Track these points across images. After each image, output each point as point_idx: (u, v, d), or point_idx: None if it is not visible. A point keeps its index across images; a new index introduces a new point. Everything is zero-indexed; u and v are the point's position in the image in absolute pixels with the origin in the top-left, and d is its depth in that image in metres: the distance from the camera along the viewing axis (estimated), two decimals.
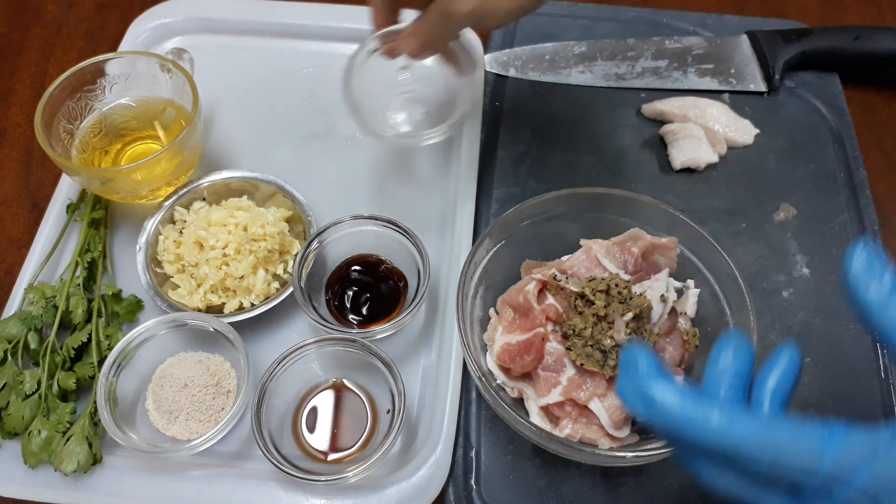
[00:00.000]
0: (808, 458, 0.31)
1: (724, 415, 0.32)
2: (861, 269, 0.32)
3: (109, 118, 0.65)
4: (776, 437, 0.31)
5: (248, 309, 0.58)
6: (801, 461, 0.31)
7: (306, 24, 0.77)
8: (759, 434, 0.31)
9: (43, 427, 0.52)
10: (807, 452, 0.31)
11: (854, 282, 0.32)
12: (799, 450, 0.31)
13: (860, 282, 0.32)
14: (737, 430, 0.32)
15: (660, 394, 0.33)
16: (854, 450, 0.30)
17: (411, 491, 0.52)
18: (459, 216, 0.64)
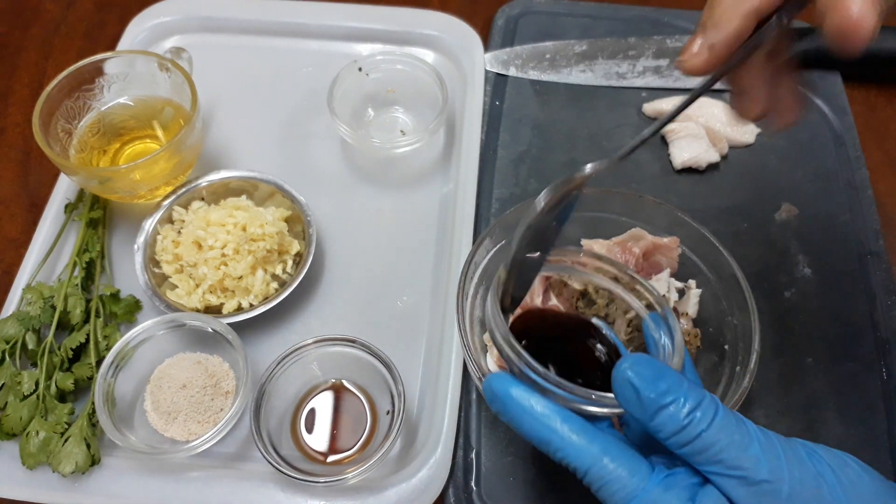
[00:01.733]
0: (617, 496, 0.33)
1: (567, 432, 0.34)
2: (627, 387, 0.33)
3: (108, 117, 0.65)
4: (604, 467, 0.33)
5: (246, 309, 0.58)
6: (610, 493, 0.33)
7: (306, 24, 0.77)
8: (591, 458, 0.34)
9: (41, 428, 0.52)
10: (616, 490, 0.33)
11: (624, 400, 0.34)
12: (613, 482, 0.33)
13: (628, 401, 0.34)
14: (574, 450, 0.34)
15: (512, 405, 0.36)
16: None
17: (411, 492, 0.52)
18: (459, 216, 0.64)
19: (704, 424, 0.32)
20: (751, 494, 0.31)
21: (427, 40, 0.76)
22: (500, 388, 0.36)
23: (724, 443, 0.31)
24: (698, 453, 0.32)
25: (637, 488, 0.32)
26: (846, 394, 0.57)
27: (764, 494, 0.31)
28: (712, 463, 0.32)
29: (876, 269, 0.62)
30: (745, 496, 0.31)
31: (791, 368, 0.58)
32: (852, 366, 0.58)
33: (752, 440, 0.32)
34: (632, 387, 0.33)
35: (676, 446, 0.32)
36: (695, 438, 0.32)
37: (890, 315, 0.60)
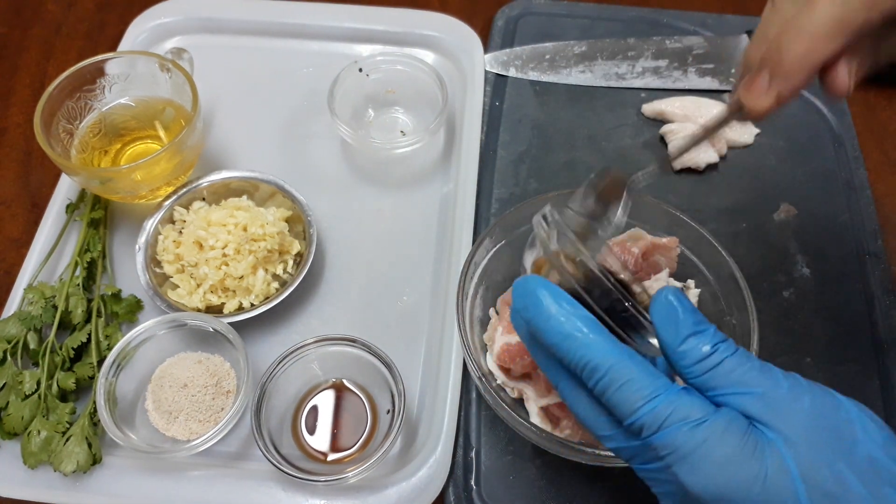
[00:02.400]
0: (637, 393, 0.32)
1: (589, 334, 0.34)
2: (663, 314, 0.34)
3: (109, 118, 0.65)
4: (625, 369, 0.33)
5: (247, 309, 0.58)
6: (630, 392, 0.33)
7: (306, 24, 0.77)
8: (611, 361, 0.33)
9: (42, 427, 0.52)
10: (638, 389, 0.32)
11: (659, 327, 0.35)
12: (634, 381, 0.33)
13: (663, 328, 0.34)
14: (595, 350, 0.33)
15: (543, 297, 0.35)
16: (676, 414, 0.32)
17: (411, 491, 0.52)
18: (459, 216, 0.64)
19: (730, 352, 0.33)
20: (772, 408, 0.32)
21: (427, 41, 0.77)
22: (533, 283, 0.36)
23: (747, 367, 0.33)
24: (720, 377, 0.33)
25: (658, 388, 0.32)
26: (845, 393, 0.56)
27: (783, 407, 0.32)
28: (733, 386, 0.32)
29: (874, 270, 0.63)
30: (765, 409, 0.32)
31: (790, 368, 0.56)
32: (851, 366, 0.58)
33: (769, 367, 0.33)
34: (672, 308, 0.34)
35: (699, 372, 0.33)
36: (720, 363, 0.33)
37: (888, 315, 0.60)
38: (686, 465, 0.31)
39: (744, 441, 0.31)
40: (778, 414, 0.32)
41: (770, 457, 0.31)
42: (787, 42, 0.35)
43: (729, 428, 0.31)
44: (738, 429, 0.31)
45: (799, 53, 0.35)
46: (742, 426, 0.32)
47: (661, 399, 0.32)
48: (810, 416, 0.32)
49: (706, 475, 0.31)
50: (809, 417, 0.32)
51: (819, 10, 0.34)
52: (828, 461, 0.31)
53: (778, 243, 0.65)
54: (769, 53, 0.36)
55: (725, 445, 0.31)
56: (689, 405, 0.32)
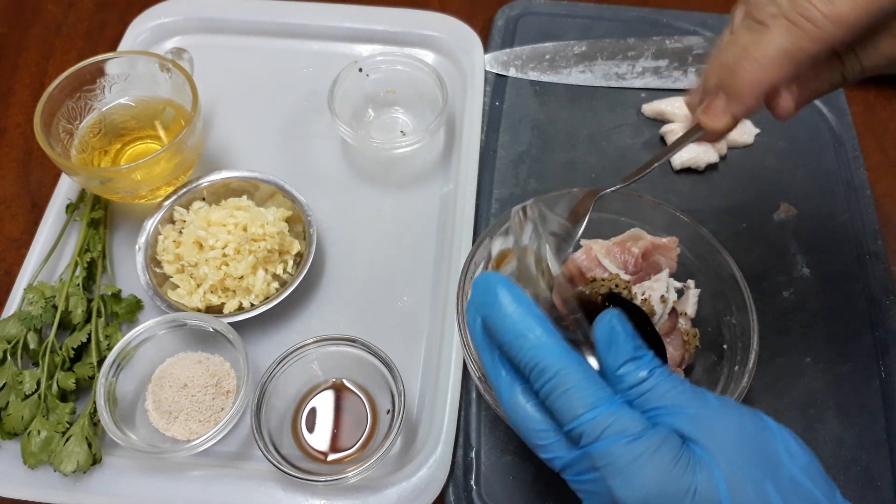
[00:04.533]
0: (581, 400, 0.33)
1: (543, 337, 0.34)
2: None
3: (109, 118, 0.65)
4: (572, 375, 0.33)
5: (247, 309, 0.58)
6: (574, 398, 0.33)
7: (306, 24, 0.77)
8: (559, 366, 0.34)
9: (42, 427, 0.52)
10: (582, 396, 0.33)
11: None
12: (580, 388, 0.33)
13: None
14: (545, 354, 0.34)
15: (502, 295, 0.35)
16: (615, 426, 0.33)
17: (411, 491, 0.52)
18: (459, 216, 0.64)
19: (664, 376, 0.34)
20: (702, 427, 0.33)
21: (427, 41, 0.77)
22: (494, 279, 0.36)
23: (679, 390, 0.34)
24: (655, 399, 0.34)
25: (605, 398, 0.33)
26: (845, 393, 0.57)
27: (713, 427, 0.33)
28: (666, 407, 0.34)
29: (874, 270, 0.63)
30: (696, 428, 0.33)
31: (790, 368, 0.58)
32: (851, 365, 0.58)
33: (703, 392, 0.35)
34: (613, 333, 0.34)
35: (635, 395, 0.34)
36: (655, 386, 0.34)
37: (888, 315, 0.60)
38: (620, 478, 0.32)
39: (676, 457, 0.32)
40: (708, 433, 0.33)
41: (700, 473, 0.32)
42: (742, 69, 0.38)
43: (664, 444, 0.32)
44: (671, 446, 0.32)
45: (751, 79, 0.38)
46: (676, 443, 0.33)
47: (604, 409, 0.33)
48: (738, 436, 0.33)
49: (639, 489, 0.32)
50: (737, 437, 0.33)
51: (770, 41, 0.37)
52: (753, 479, 0.32)
53: (778, 243, 0.65)
54: (726, 78, 0.39)
55: (659, 461, 0.32)
56: (628, 419, 0.33)
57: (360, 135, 0.67)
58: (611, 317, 0.35)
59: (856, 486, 0.53)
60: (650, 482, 0.32)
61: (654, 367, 0.34)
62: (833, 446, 0.55)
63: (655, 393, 0.34)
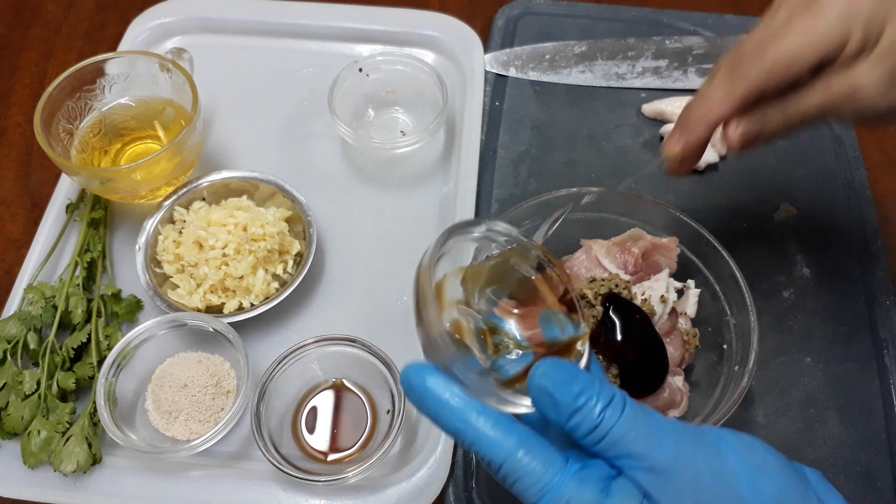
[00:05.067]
0: (531, 489, 0.33)
1: (483, 422, 0.34)
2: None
3: (109, 118, 0.65)
4: (515, 455, 0.33)
5: (247, 309, 0.58)
6: (525, 486, 0.33)
7: (306, 24, 0.77)
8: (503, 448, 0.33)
9: (42, 427, 0.52)
10: (531, 484, 0.33)
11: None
12: (526, 476, 0.33)
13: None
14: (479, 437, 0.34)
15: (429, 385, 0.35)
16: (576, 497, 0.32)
17: (411, 491, 0.52)
18: (459, 216, 0.64)
19: (614, 420, 0.33)
20: (659, 482, 0.32)
21: (427, 41, 0.77)
22: (417, 379, 0.35)
23: (632, 436, 0.33)
24: (610, 448, 0.33)
25: (550, 482, 0.33)
26: (844, 393, 0.57)
27: (670, 480, 0.32)
28: (623, 457, 0.33)
29: (874, 269, 0.63)
30: (653, 484, 0.32)
31: (790, 368, 0.58)
32: (851, 365, 0.58)
33: (658, 431, 0.33)
34: (547, 393, 0.34)
35: (591, 444, 0.33)
36: (606, 435, 0.33)
37: (888, 315, 0.60)
38: None
39: None
40: (664, 490, 0.32)
41: None
42: (692, 104, 0.46)
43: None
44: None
45: (698, 114, 0.45)
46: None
47: (552, 496, 0.33)
48: (693, 488, 0.32)
49: None
50: (692, 489, 0.32)
51: (715, 82, 0.45)
52: None
53: (778, 243, 0.65)
54: (682, 115, 0.47)
55: None
56: (580, 493, 0.32)
57: (360, 135, 0.67)
58: (538, 375, 0.34)
59: (856, 486, 0.53)
60: None
61: (602, 409, 0.33)
62: (833, 446, 0.55)
63: (609, 441, 0.33)
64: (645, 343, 0.50)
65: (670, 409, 0.51)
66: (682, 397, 0.51)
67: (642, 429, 0.33)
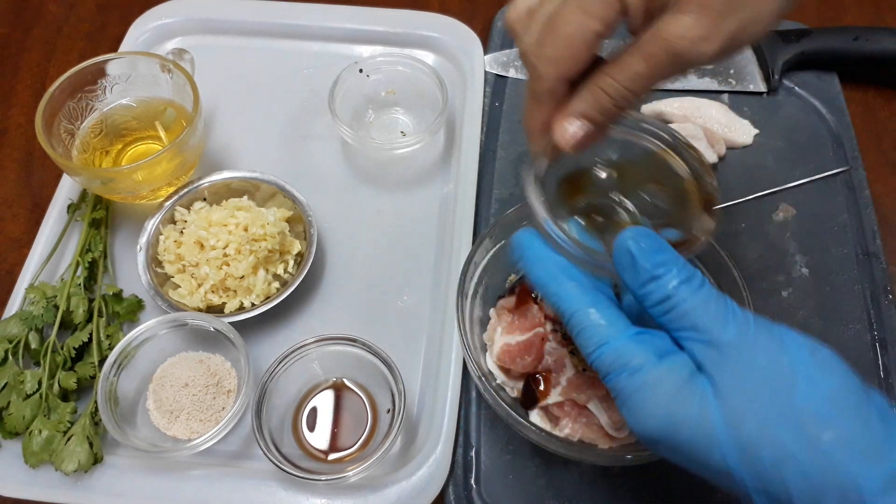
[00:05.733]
0: (589, 340, 0.36)
1: (565, 280, 0.38)
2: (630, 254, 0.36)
3: (110, 118, 0.65)
4: (585, 310, 0.36)
5: (248, 309, 0.58)
6: (585, 338, 0.36)
7: (306, 25, 0.77)
8: (576, 301, 0.37)
9: (44, 427, 0.53)
10: (590, 336, 0.36)
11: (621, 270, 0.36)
12: (588, 329, 0.36)
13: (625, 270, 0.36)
14: (560, 291, 0.38)
15: (528, 245, 0.41)
16: (617, 362, 0.35)
17: (411, 490, 0.52)
18: (459, 216, 0.64)
19: (687, 294, 0.34)
20: (715, 356, 0.33)
21: (427, 42, 0.77)
22: (526, 238, 0.40)
23: (700, 311, 0.34)
24: (676, 320, 0.34)
25: (610, 336, 0.35)
26: None
27: (726, 356, 0.33)
28: (686, 328, 0.34)
29: (873, 270, 0.63)
30: (709, 357, 0.33)
31: None
32: (850, 365, 0.58)
33: (728, 314, 0.34)
34: (630, 255, 0.35)
35: (659, 314, 0.35)
36: (675, 307, 0.34)
37: (887, 315, 0.60)
38: (625, 408, 0.35)
39: (678, 389, 0.33)
40: (717, 363, 0.33)
41: (700, 404, 0.33)
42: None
43: (666, 376, 0.33)
44: (676, 377, 0.33)
45: (525, 125, 0.41)
46: (683, 374, 0.33)
47: (608, 347, 0.35)
48: (748, 366, 0.33)
49: (640, 419, 0.34)
50: (747, 367, 0.33)
51: (527, 87, 0.41)
52: (756, 410, 0.32)
53: (777, 243, 0.65)
54: None
55: (659, 393, 0.33)
56: (631, 354, 0.34)
57: (360, 135, 0.67)
58: (626, 239, 0.35)
59: None
60: (649, 413, 0.33)
61: (679, 283, 0.34)
62: None
63: (677, 313, 0.34)
64: None
65: None
66: None
67: (712, 307, 0.34)
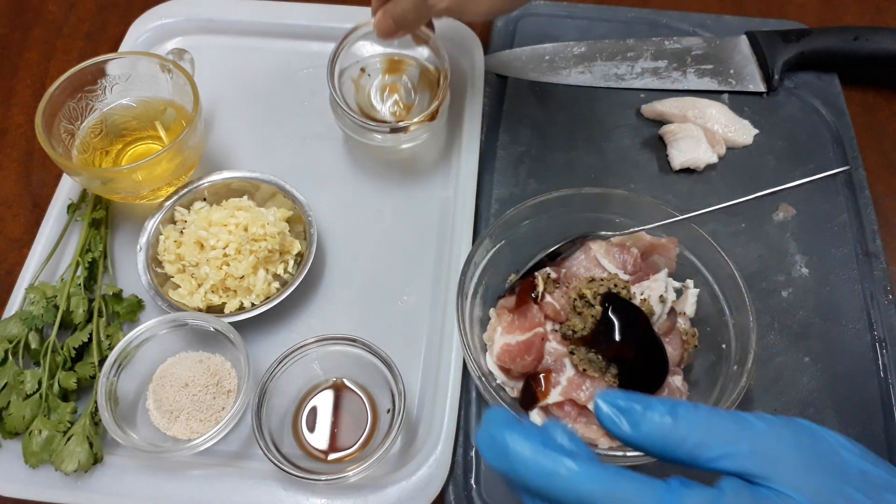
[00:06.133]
0: None
1: (573, 466, 0.32)
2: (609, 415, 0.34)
3: (110, 118, 0.65)
4: (620, 489, 0.32)
5: (248, 309, 0.58)
6: None
7: (306, 25, 0.77)
8: (604, 486, 0.32)
9: (44, 427, 0.53)
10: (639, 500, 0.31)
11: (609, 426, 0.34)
12: (635, 500, 0.31)
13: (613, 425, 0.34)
14: (584, 482, 0.32)
15: (513, 443, 0.33)
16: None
17: (412, 490, 0.52)
18: (459, 216, 0.64)
19: (692, 414, 0.33)
20: (760, 459, 0.32)
21: None
22: (495, 426, 0.34)
23: (720, 426, 0.32)
24: (698, 444, 0.32)
25: (661, 492, 0.32)
26: (843, 393, 0.57)
27: (770, 449, 0.32)
28: (714, 448, 0.32)
29: (873, 269, 0.63)
30: (756, 465, 0.32)
31: (788, 368, 0.58)
32: (849, 365, 0.58)
33: (740, 415, 0.33)
34: (608, 418, 0.33)
35: (674, 448, 0.32)
36: (688, 434, 0.32)
37: (887, 315, 0.61)
38: None
39: (757, 501, 0.31)
40: (771, 464, 0.32)
41: (784, 500, 0.31)
42: None
43: (739, 502, 0.31)
44: (746, 499, 0.31)
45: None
46: (748, 495, 0.31)
47: (670, 500, 0.31)
48: (799, 453, 0.32)
49: None
50: (798, 454, 0.32)
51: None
52: (834, 490, 0.31)
53: (777, 243, 0.65)
54: None
55: None
56: (694, 499, 0.31)
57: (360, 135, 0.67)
58: (597, 405, 0.34)
59: None
60: None
61: (666, 413, 0.32)
62: None
63: (693, 440, 0.32)
64: (644, 343, 0.50)
65: None
66: (682, 397, 0.52)
67: (726, 418, 0.33)
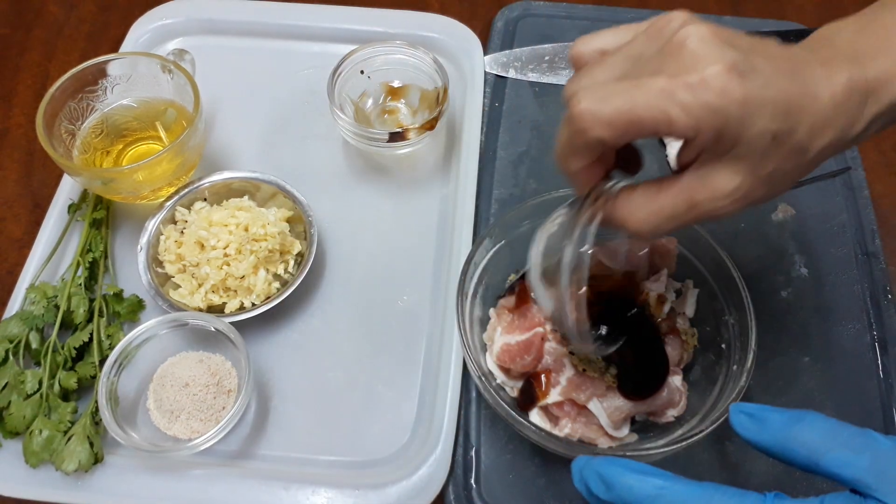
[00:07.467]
0: None
1: (676, 486, 0.34)
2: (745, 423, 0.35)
3: (111, 119, 0.66)
4: (719, 496, 0.33)
5: (248, 309, 0.58)
6: None
7: (307, 26, 0.77)
8: (704, 494, 0.33)
9: (44, 426, 0.53)
10: None
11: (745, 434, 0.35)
12: None
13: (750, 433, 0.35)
14: (688, 500, 0.33)
15: (616, 475, 0.35)
16: None
17: (411, 490, 0.52)
18: (459, 216, 0.64)
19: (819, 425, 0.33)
20: (877, 472, 0.31)
21: (427, 43, 0.77)
22: (595, 468, 0.36)
23: (845, 435, 0.33)
24: (819, 454, 0.32)
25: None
26: (843, 393, 0.57)
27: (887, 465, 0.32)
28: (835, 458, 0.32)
29: (872, 270, 0.63)
30: (871, 477, 0.32)
31: (788, 368, 0.58)
32: (849, 365, 0.58)
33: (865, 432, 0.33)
34: (753, 419, 0.34)
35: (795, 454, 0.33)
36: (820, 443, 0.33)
37: (886, 315, 0.61)
38: None
39: None
40: (888, 481, 0.31)
41: None
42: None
43: None
44: None
45: (557, 160, 0.41)
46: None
47: None
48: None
49: None
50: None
51: (561, 129, 0.40)
52: None
53: (776, 243, 0.65)
54: None
55: None
56: None
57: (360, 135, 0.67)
58: (735, 411, 0.35)
59: None
60: None
61: (803, 416, 0.33)
62: None
63: (811, 446, 0.32)
64: (646, 343, 0.50)
65: (669, 408, 0.51)
66: (681, 396, 0.52)
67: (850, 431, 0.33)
